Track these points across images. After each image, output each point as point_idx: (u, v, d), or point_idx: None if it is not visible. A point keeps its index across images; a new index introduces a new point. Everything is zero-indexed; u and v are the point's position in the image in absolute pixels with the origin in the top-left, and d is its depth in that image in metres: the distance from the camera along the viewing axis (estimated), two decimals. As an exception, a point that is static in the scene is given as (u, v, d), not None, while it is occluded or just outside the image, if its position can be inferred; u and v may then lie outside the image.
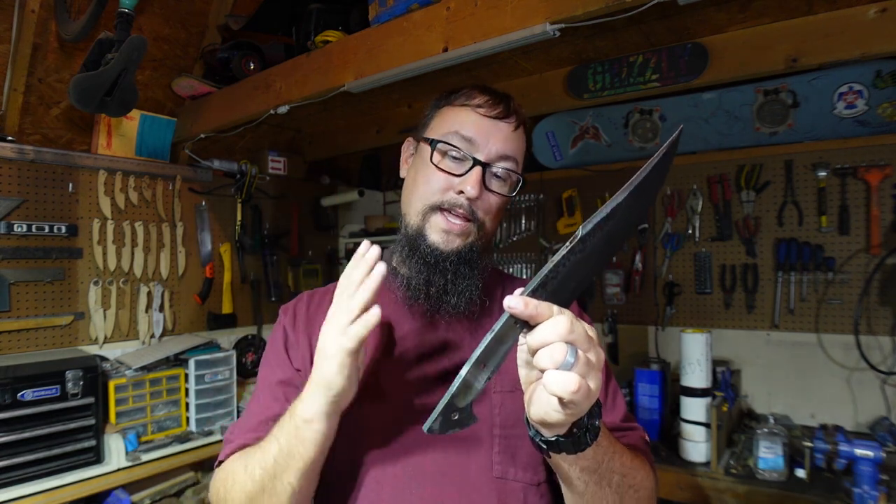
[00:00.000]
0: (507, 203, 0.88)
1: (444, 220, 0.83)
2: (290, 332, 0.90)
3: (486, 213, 0.85)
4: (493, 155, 0.83)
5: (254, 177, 2.52)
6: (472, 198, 0.81)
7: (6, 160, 1.90)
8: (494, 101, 0.86)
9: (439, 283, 0.82)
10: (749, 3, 1.44)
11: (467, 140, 0.83)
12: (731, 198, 2.19)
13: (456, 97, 0.88)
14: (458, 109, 0.86)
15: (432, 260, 0.82)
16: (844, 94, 1.91)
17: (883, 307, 1.89)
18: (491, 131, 0.84)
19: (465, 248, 0.83)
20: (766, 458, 1.62)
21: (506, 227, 2.79)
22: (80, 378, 1.77)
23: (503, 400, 0.82)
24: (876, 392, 1.89)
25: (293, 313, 0.92)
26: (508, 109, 0.86)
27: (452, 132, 0.84)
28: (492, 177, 0.84)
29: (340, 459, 0.81)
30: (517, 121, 0.87)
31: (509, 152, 0.84)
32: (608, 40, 1.68)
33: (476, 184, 0.81)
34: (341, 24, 1.81)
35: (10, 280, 1.89)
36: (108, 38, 1.66)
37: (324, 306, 0.89)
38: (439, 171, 0.83)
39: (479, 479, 0.79)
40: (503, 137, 0.84)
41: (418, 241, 0.83)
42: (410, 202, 0.87)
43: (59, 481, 1.71)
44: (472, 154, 0.83)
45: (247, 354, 2.61)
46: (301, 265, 2.94)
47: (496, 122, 0.84)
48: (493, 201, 0.85)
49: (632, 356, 2.37)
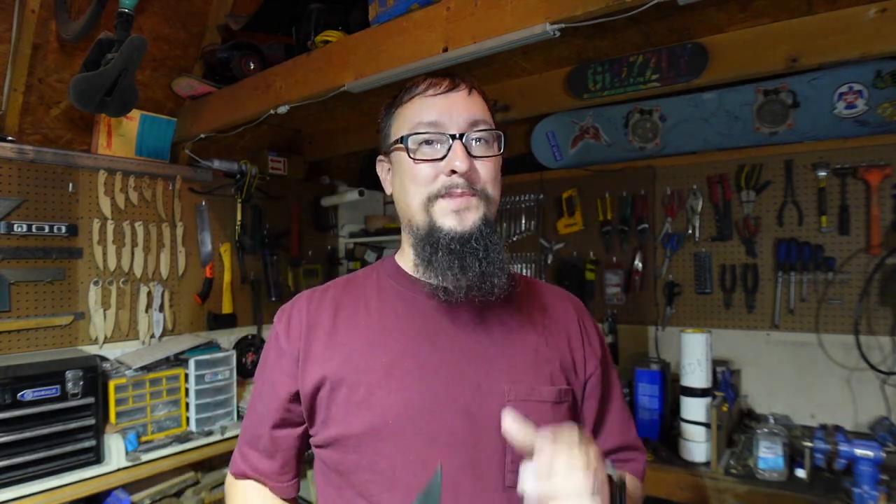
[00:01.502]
0: (499, 165, 0.86)
1: (449, 201, 0.80)
2: (283, 342, 0.87)
3: (486, 182, 0.82)
4: (463, 124, 0.82)
5: (254, 177, 2.52)
6: (464, 172, 0.79)
7: (6, 160, 1.90)
8: (438, 80, 0.85)
9: (475, 267, 0.78)
10: (749, 3, 1.44)
11: (433, 124, 0.82)
12: (731, 198, 2.19)
13: (402, 96, 0.87)
14: (409, 104, 0.85)
15: (457, 246, 0.78)
16: (844, 94, 1.91)
17: (883, 307, 1.89)
18: (449, 105, 0.82)
19: (482, 221, 0.80)
20: (766, 458, 1.62)
21: (506, 227, 2.79)
22: (80, 378, 1.77)
23: (517, 408, 0.77)
24: (876, 392, 1.89)
25: (288, 320, 0.89)
26: (455, 80, 0.85)
27: (416, 124, 0.83)
28: (472, 144, 0.82)
29: (351, 463, 0.80)
30: (468, 86, 0.85)
31: (476, 116, 0.83)
32: (608, 40, 1.68)
33: (463, 157, 0.79)
34: (341, 24, 1.81)
35: (10, 280, 1.89)
36: (108, 38, 1.66)
37: (324, 309, 0.88)
38: (422, 164, 0.81)
39: (491, 490, 0.77)
40: (463, 106, 0.83)
41: (434, 233, 0.80)
42: (409, 204, 0.84)
43: (59, 481, 1.71)
44: (444, 132, 0.81)
45: (247, 354, 2.61)
46: (301, 265, 2.94)
47: (448, 96, 0.83)
48: (486, 167, 0.83)
49: (632, 356, 2.37)
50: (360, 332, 0.85)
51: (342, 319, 0.86)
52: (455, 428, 0.78)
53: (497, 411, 0.78)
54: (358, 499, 0.79)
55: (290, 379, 0.85)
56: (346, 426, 0.79)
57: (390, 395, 0.79)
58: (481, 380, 0.80)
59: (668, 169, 2.34)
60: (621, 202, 2.45)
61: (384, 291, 0.89)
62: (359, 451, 0.79)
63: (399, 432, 0.78)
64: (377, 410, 0.78)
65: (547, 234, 2.67)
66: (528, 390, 0.81)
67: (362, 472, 0.79)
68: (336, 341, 0.84)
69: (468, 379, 0.80)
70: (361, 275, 0.95)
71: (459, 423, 0.78)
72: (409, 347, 0.82)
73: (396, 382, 0.80)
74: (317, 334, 0.85)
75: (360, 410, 0.79)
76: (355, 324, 0.86)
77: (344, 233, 3.19)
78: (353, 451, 0.79)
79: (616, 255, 2.47)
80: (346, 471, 0.80)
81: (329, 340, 0.84)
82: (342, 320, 0.86)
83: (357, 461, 0.79)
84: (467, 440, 0.78)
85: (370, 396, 0.79)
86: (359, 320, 0.86)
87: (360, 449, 0.79)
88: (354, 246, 3.15)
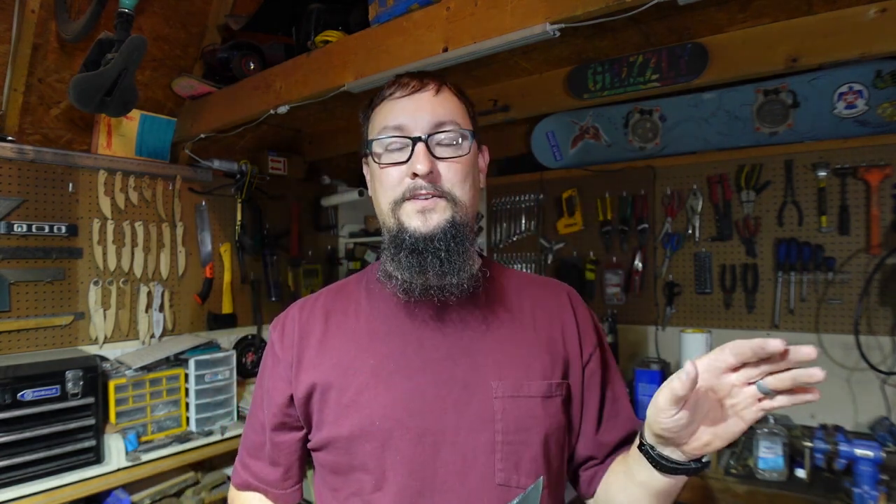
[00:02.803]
0: (470, 164, 0.85)
1: (414, 203, 0.81)
2: (278, 349, 0.90)
3: (452, 184, 0.82)
4: (427, 126, 0.81)
5: (254, 177, 2.52)
6: (424, 174, 0.79)
7: (6, 160, 1.90)
8: (405, 81, 0.85)
9: (435, 266, 0.79)
10: (749, 3, 1.44)
11: (398, 128, 0.82)
12: (731, 198, 2.19)
13: (375, 100, 0.88)
14: (380, 107, 0.86)
15: (420, 246, 0.79)
16: (844, 94, 1.91)
17: (883, 307, 1.89)
18: (415, 107, 0.83)
19: (447, 223, 0.81)
20: (766, 458, 1.62)
21: (506, 227, 2.79)
22: (80, 378, 1.77)
23: (505, 406, 0.80)
24: (876, 392, 1.89)
25: (282, 329, 0.91)
26: (422, 81, 0.85)
27: (382, 128, 0.84)
28: (436, 146, 0.82)
29: (344, 464, 0.80)
30: (436, 85, 0.85)
31: (442, 117, 0.82)
32: (608, 40, 1.68)
33: (423, 159, 0.79)
34: (341, 24, 1.80)
35: (10, 280, 1.89)
36: (108, 38, 1.66)
37: (314, 317, 0.89)
38: (389, 167, 0.82)
39: (481, 487, 0.78)
40: (429, 107, 0.83)
41: (400, 234, 0.81)
42: (380, 208, 0.86)
43: (59, 481, 1.71)
44: (407, 136, 0.82)
45: (247, 354, 2.61)
46: (301, 265, 2.94)
47: (414, 97, 0.83)
48: (451, 168, 0.82)
49: (632, 356, 2.38)
50: (349, 337, 0.86)
51: (332, 326, 0.88)
52: (443, 426, 0.78)
53: (485, 408, 0.79)
54: (353, 498, 0.80)
55: (286, 384, 0.87)
56: (337, 428, 0.81)
57: (378, 396, 0.80)
58: (469, 378, 0.81)
59: (668, 169, 2.34)
60: (621, 202, 2.45)
61: (372, 296, 0.90)
62: (350, 453, 0.80)
63: (387, 432, 0.78)
64: (365, 412, 0.79)
65: (547, 234, 2.67)
66: (515, 386, 0.81)
67: (355, 472, 0.80)
68: (327, 347, 0.86)
69: (455, 377, 0.81)
70: (352, 280, 0.96)
71: (447, 421, 0.79)
72: (396, 349, 0.83)
73: (384, 383, 0.81)
74: (309, 342, 0.87)
75: (349, 412, 0.80)
76: (345, 329, 0.87)
77: (344, 233, 3.19)
78: (345, 452, 0.80)
79: (616, 255, 2.47)
80: (340, 472, 0.81)
81: (320, 347, 0.86)
82: (332, 326, 0.88)
83: (349, 462, 0.80)
84: (455, 439, 0.78)
85: (358, 398, 0.80)
86: (348, 325, 0.88)
87: (351, 450, 0.80)
88: (354, 246, 3.15)
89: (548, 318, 0.89)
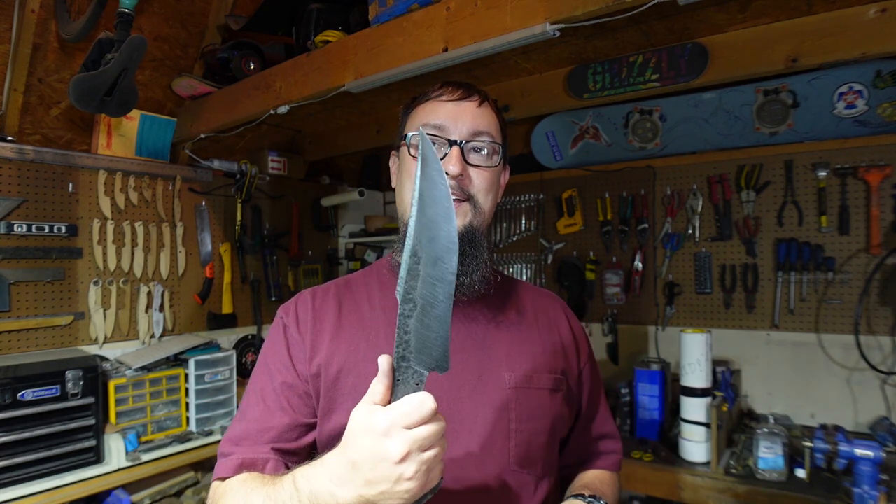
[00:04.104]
0: (496, 176, 0.90)
1: None
2: (293, 332, 0.87)
3: (478, 190, 0.87)
4: (466, 133, 0.87)
5: (254, 177, 2.52)
6: (455, 175, 0.83)
7: (6, 160, 1.90)
8: (454, 87, 0.90)
9: None
10: (749, 3, 1.44)
11: (438, 127, 0.86)
12: (731, 198, 2.19)
13: (420, 98, 0.93)
14: (424, 105, 0.91)
15: None
16: (844, 94, 1.91)
17: (883, 307, 1.89)
18: (457, 113, 0.87)
19: (466, 226, 0.85)
20: (766, 458, 1.62)
21: (506, 227, 2.79)
22: (80, 378, 1.77)
23: (518, 395, 0.84)
24: (876, 392, 1.89)
25: (295, 313, 0.90)
26: (469, 91, 0.90)
27: (423, 125, 0.87)
28: (471, 152, 0.87)
29: None
30: (480, 98, 0.91)
31: (481, 127, 0.87)
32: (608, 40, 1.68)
33: (457, 161, 0.83)
34: (341, 24, 1.81)
35: (10, 280, 1.89)
36: (108, 38, 1.66)
37: (328, 305, 0.90)
38: None
39: (498, 472, 0.80)
40: (471, 116, 0.88)
41: None
42: (403, 199, 0.89)
43: (59, 481, 1.71)
44: (445, 137, 0.86)
45: (247, 354, 2.61)
46: (301, 265, 2.95)
47: (459, 104, 0.89)
48: (480, 176, 0.87)
49: (632, 356, 2.37)
50: (364, 326, 0.88)
51: (346, 314, 0.89)
52: (459, 415, 0.80)
53: (499, 397, 0.83)
54: None
55: (302, 365, 0.86)
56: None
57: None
58: (482, 369, 0.84)
59: (668, 169, 2.34)
60: (621, 202, 2.45)
61: (385, 287, 0.92)
62: None
63: None
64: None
65: (547, 234, 2.67)
66: (526, 378, 0.85)
67: None
68: (341, 335, 0.87)
69: (470, 368, 0.84)
70: (361, 274, 0.98)
71: (464, 409, 0.81)
72: None
73: None
74: (324, 327, 0.88)
75: None
76: (359, 318, 0.89)
77: (344, 233, 3.19)
78: None
79: (616, 255, 2.47)
80: None
81: (335, 333, 0.87)
82: (346, 315, 0.89)
83: None
84: (472, 428, 0.81)
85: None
86: (363, 314, 0.89)
87: None
88: (354, 246, 3.15)
89: (548, 324, 0.95)
